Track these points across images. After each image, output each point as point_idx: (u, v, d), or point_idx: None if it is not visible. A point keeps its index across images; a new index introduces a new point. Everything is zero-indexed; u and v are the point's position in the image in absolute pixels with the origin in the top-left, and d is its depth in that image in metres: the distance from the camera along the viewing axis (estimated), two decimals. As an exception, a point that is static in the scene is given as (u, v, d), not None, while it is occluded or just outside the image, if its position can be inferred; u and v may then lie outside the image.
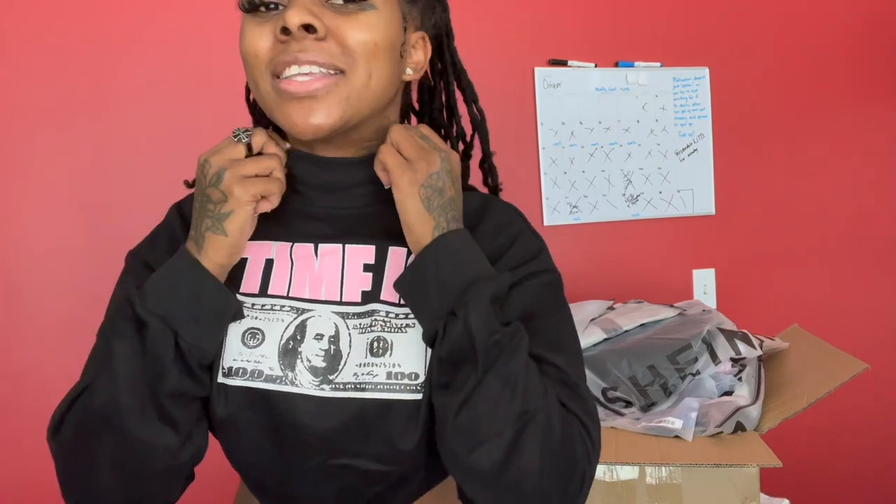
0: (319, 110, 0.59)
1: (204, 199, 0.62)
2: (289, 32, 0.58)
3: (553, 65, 1.79)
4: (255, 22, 0.61)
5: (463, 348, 0.57)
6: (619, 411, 1.25)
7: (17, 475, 1.51)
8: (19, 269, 1.51)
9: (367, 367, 0.62)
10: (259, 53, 0.61)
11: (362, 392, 0.62)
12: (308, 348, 0.63)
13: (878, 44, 1.99)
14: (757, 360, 1.30)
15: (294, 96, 0.59)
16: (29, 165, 1.51)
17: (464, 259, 0.60)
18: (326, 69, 0.59)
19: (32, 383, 1.51)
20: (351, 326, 0.64)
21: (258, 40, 0.60)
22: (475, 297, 0.58)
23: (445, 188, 0.62)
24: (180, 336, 0.60)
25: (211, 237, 0.61)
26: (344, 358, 0.63)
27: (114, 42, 1.53)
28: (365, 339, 0.63)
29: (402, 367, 0.62)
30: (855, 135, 2.00)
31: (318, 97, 0.59)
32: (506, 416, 0.56)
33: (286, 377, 0.63)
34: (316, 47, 0.58)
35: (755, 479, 1.11)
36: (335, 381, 0.62)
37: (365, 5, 0.60)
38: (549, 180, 1.80)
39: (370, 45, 0.60)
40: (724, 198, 1.92)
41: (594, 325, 1.34)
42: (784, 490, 1.49)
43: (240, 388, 0.63)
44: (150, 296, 0.60)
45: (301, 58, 0.58)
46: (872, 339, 2.01)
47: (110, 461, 0.60)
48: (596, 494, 1.14)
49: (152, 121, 1.56)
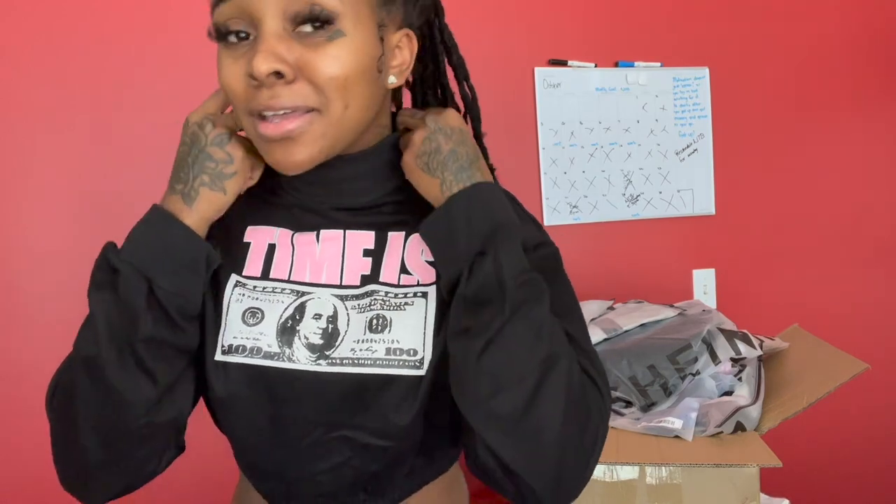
0: (298, 149, 0.59)
1: (203, 157, 0.63)
2: (254, 79, 0.57)
3: (553, 65, 1.79)
4: (230, 56, 0.60)
5: (491, 287, 0.57)
6: (619, 411, 1.25)
7: (17, 475, 1.51)
8: (19, 270, 1.51)
9: (366, 343, 0.63)
10: (237, 93, 0.60)
11: (360, 367, 0.62)
12: (306, 327, 0.64)
13: (878, 43, 1.99)
14: (757, 360, 1.30)
15: (273, 140, 0.59)
16: (29, 166, 1.51)
17: (493, 206, 0.61)
18: (294, 109, 0.58)
19: (32, 383, 1.51)
20: (349, 307, 0.65)
21: (233, 80, 0.60)
22: (507, 237, 0.59)
23: (440, 146, 0.63)
24: (155, 283, 0.61)
25: (207, 192, 0.63)
26: (341, 335, 0.64)
27: (114, 42, 1.53)
28: (364, 318, 0.64)
29: (402, 343, 0.63)
30: (855, 134, 2.00)
31: (294, 137, 0.59)
32: (531, 360, 0.56)
33: (283, 353, 0.64)
34: (287, 92, 0.57)
35: (755, 479, 1.11)
36: (332, 356, 0.63)
37: (333, 33, 0.57)
38: (549, 180, 1.80)
39: (340, 80, 0.58)
40: (724, 198, 1.92)
41: (594, 325, 1.34)
42: (784, 490, 1.49)
43: (238, 364, 0.64)
44: (125, 247, 0.62)
45: (274, 105, 0.58)
46: (872, 339, 2.01)
47: (91, 416, 0.61)
48: (596, 494, 1.14)
49: (153, 121, 1.56)
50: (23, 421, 1.51)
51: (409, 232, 0.68)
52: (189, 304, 0.63)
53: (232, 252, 0.69)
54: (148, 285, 0.60)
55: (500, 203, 0.62)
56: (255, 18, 0.57)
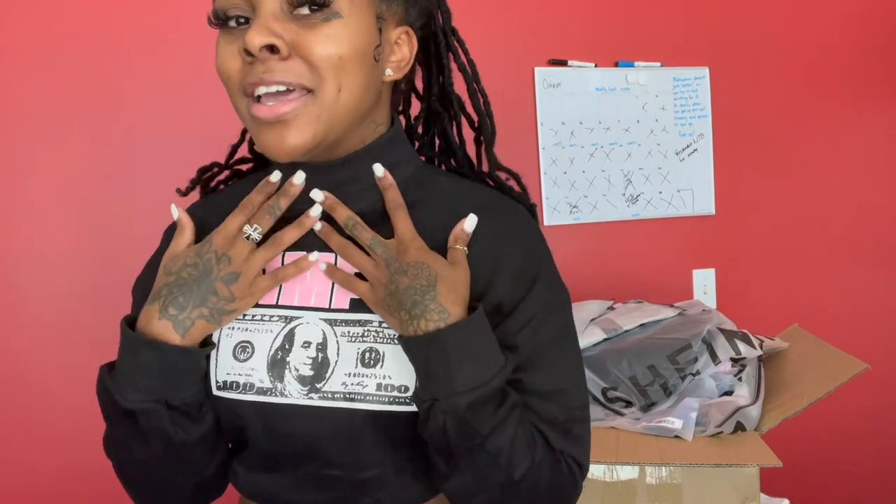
0: (291, 133, 0.58)
1: (209, 291, 0.62)
2: (252, 54, 0.57)
3: (553, 65, 1.79)
4: (226, 40, 0.60)
5: (439, 442, 0.60)
6: (619, 411, 1.25)
7: (17, 475, 1.51)
8: (19, 270, 1.51)
9: (357, 378, 0.62)
10: (231, 74, 0.60)
11: (351, 402, 0.62)
12: (295, 357, 0.64)
13: (878, 43, 1.99)
14: (757, 360, 1.30)
15: (265, 122, 0.58)
16: (29, 166, 1.51)
17: (449, 364, 0.58)
18: (289, 87, 0.58)
19: (32, 383, 1.51)
20: (339, 334, 0.64)
21: (229, 61, 0.59)
22: (451, 410, 0.58)
23: (398, 287, 0.60)
24: (171, 403, 0.63)
25: (202, 325, 0.63)
26: (331, 366, 0.63)
27: (115, 43, 1.53)
28: (355, 349, 0.63)
29: (393, 379, 0.62)
30: (855, 134, 2.00)
31: (287, 121, 0.58)
32: (492, 483, 0.61)
33: (276, 388, 0.63)
34: (281, 67, 0.57)
35: (755, 479, 1.11)
36: (322, 389, 0.63)
37: (329, 14, 0.58)
38: (549, 180, 1.80)
39: (335, 59, 0.57)
40: (724, 198, 1.92)
41: (594, 325, 1.34)
42: (784, 490, 1.49)
43: (234, 400, 0.65)
44: (127, 386, 0.62)
45: (267, 79, 0.57)
46: (872, 339, 2.01)
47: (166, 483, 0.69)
48: (596, 494, 1.14)
49: (153, 121, 1.56)
50: (23, 421, 1.51)
51: None
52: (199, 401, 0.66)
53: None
54: (165, 406, 0.63)
55: (459, 356, 0.58)
56: (254, 2, 0.57)
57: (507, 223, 0.68)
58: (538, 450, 0.62)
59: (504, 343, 0.63)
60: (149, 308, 0.63)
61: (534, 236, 0.69)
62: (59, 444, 1.52)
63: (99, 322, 1.52)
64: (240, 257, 0.63)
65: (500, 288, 0.65)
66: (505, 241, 0.66)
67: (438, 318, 0.59)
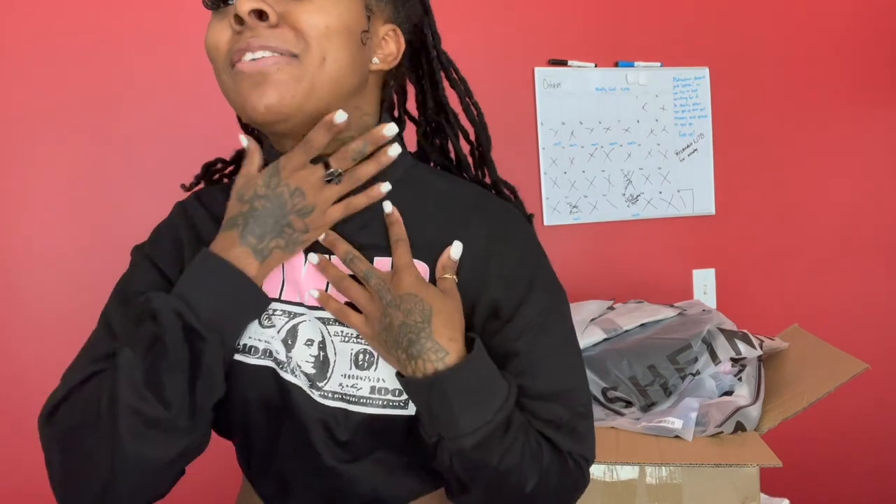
0: (271, 90, 0.58)
1: (284, 222, 0.62)
2: (242, 21, 0.57)
3: (553, 65, 1.79)
4: (217, 18, 0.61)
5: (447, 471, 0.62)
6: (619, 411, 1.25)
7: (17, 475, 1.51)
8: (19, 270, 1.51)
9: (351, 380, 0.64)
10: (220, 46, 0.60)
11: (347, 404, 0.64)
12: (299, 354, 0.65)
13: (878, 43, 2.00)
14: (757, 360, 1.30)
15: (246, 76, 0.58)
16: (29, 166, 1.51)
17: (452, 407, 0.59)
18: (280, 53, 0.58)
19: (32, 383, 1.51)
20: (332, 333, 0.65)
21: (218, 34, 0.60)
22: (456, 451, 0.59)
23: (393, 323, 0.60)
24: (227, 345, 0.62)
25: (279, 254, 0.63)
26: (331, 366, 0.64)
27: (115, 43, 1.53)
28: (349, 349, 0.64)
29: (387, 382, 0.63)
30: (855, 135, 2.00)
31: (268, 74, 0.58)
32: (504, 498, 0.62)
33: (289, 363, 0.65)
34: (269, 33, 0.58)
35: (755, 479, 1.11)
36: (323, 388, 0.64)
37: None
38: (549, 180, 1.80)
39: (322, 28, 0.58)
40: (724, 198, 1.92)
41: (594, 325, 1.34)
42: (784, 490, 1.49)
43: (255, 366, 0.65)
44: (203, 308, 0.59)
45: (253, 43, 0.57)
46: (872, 339, 2.01)
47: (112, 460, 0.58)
48: (596, 494, 1.14)
49: (153, 121, 1.56)
50: (22, 420, 1.51)
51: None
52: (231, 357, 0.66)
53: None
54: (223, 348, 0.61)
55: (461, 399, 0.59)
56: None
57: (500, 224, 0.68)
58: (545, 458, 0.63)
59: (504, 349, 0.64)
60: (226, 235, 0.62)
61: (528, 237, 0.70)
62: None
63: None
64: (314, 191, 0.63)
65: (494, 291, 0.65)
66: (498, 241, 0.66)
67: (436, 358, 0.59)
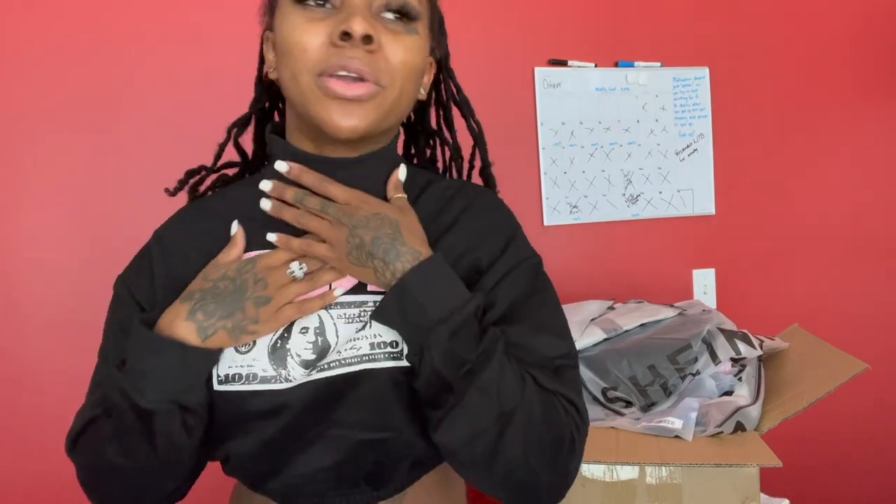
0: (358, 114, 0.63)
1: (238, 306, 0.64)
2: (349, 38, 0.60)
3: (553, 65, 1.79)
4: (306, 17, 0.63)
5: (434, 383, 0.62)
6: (619, 411, 1.25)
7: (17, 475, 1.51)
8: (19, 270, 1.51)
9: (349, 343, 0.66)
10: (308, 49, 0.62)
11: (348, 366, 0.65)
12: (295, 344, 0.66)
13: (877, 44, 2.00)
14: (757, 360, 1.30)
15: (339, 96, 0.62)
16: (29, 167, 1.51)
17: (423, 303, 0.62)
18: (371, 81, 0.62)
19: (32, 383, 1.51)
20: (335, 316, 0.67)
21: (310, 37, 0.62)
22: (436, 343, 0.61)
23: (364, 240, 0.64)
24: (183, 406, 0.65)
25: (223, 336, 0.64)
26: (332, 349, 0.66)
27: (115, 43, 1.53)
28: (353, 328, 0.67)
29: (383, 336, 0.66)
30: (855, 134, 2.00)
31: (361, 102, 0.62)
32: (487, 419, 0.61)
33: (279, 375, 0.66)
34: (367, 59, 0.62)
35: (755, 479, 1.11)
36: (321, 364, 0.66)
37: (411, 29, 0.65)
38: (549, 180, 1.80)
39: (409, 67, 0.65)
40: (724, 198, 1.92)
41: (594, 325, 1.34)
42: (784, 490, 1.49)
43: (237, 392, 0.66)
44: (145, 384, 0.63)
45: (352, 65, 0.61)
46: (872, 339, 2.01)
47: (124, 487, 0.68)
48: (596, 494, 1.14)
49: (153, 122, 1.56)
50: (22, 420, 1.51)
51: None
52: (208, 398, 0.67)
53: None
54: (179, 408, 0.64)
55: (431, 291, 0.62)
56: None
57: (482, 200, 0.75)
58: (528, 386, 0.63)
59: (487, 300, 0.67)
60: (178, 307, 0.65)
61: (507, 212, 0.76)
62: (58, 444, 1.52)
63: (98, 322, 1.51)
64: (276, 284, 0.65)
65: (477, 251, 0.70)
66: (481, 213, 0.73)
67: (413, 258, 0.63)
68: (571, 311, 1.42)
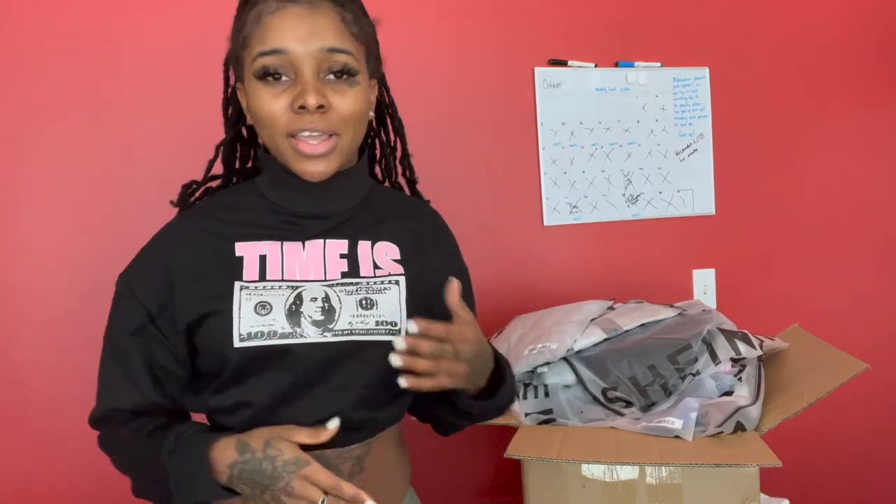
0: (323, 164, 0.82)
1: (265, 484, 0.75)
2: (304, 110, 0.78)
3: (553, 65, 1.79)
4: (270, 92, 0.79)
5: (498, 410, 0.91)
6: (619, 411, 1.25)
7: (16, 474, 1.51)
8: (19, 270, 1.51)
9: (359, 318, 0.83)
10: (276, 118, 0.79)
11: (357, 336, 0.82)
12: (308, 308, 0.82)
13: (877, 44, 2.00)
14: (757, 360, 1.30)
15: (309, 156, 0.81)
16: (29, 167, 1.51)
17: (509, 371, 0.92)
18: (327, 134, 0.80)
19: (32, 383, 1.51)
20: (337, 291, 0.84)
21: (276, 107, 0.79)
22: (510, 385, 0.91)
23: (483, 361, 0.84)
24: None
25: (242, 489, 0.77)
26: (338, 311, 0.83)
27: (115, 43, 1.53)
28: (353, 299, 0.84)
29: (386, 316, 0.84)
30: (854, 134, 2.00)
31: (324, 156, 0.81)
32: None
33: (295, 332, 0.80)
34: (321, 118, 0.79)
35: (755, 479, 1.11)
36: (334, 328, 0.82)
37: (353, 82, 0.81)
38: (549, 180, 1.80)
39: (357, 115, 0.82)
40: (724, 198, 1.92)
41: (594, 325, 1.34)
42: (784, 490, 1.49)
43: (257, 347, 0.80)
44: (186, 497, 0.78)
45: (312, 127, 0.79)
46: (872, 339, 2.01)
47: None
48: (596, 494, 1.14)
49: (153, 122, 1.56)
50: (22, 420, 1.51)
51: (373, 241, 0.89)
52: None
53: (229, 265, 0.84)
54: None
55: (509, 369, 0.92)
56: (296, 68, 0.79)
57: (429, 217, 1.00)
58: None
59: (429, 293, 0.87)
60: (230, 452, 0.77)
61: (445, 224, 1.02)
62: (58, 444, 1.52)
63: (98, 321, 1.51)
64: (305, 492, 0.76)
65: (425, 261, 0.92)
66: (429, 228, 0.98)
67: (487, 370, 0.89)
68: (571, 311, 1.42)
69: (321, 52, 0.78)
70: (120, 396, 0.84)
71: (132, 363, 0.83)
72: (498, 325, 1.59)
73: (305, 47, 0.78)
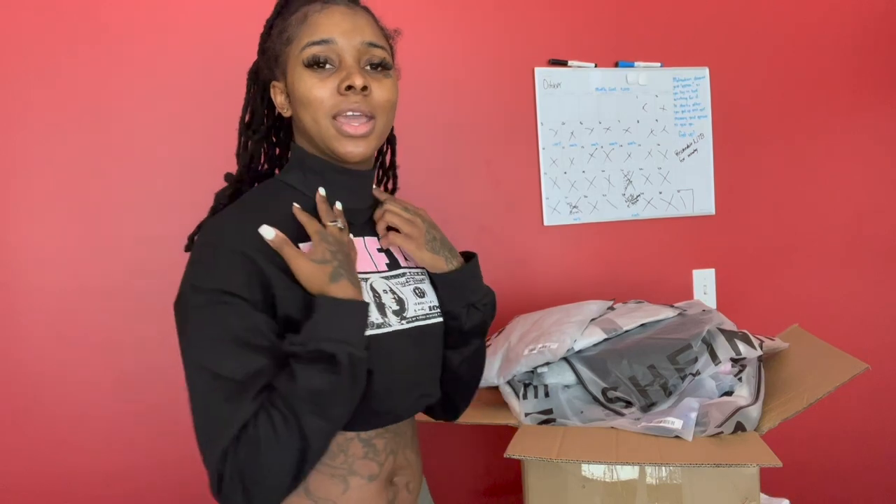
0: (363, 145, 0.88)
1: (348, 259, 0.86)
2: (351, 89, 0.85)
3: (553, 65, 1.79)
4: (317, 77, 0.87)
5: (476, 327, 1.00)
6: (619, 411, 1.25)
7: (17, 475, 1.51)
8: (19, 270, 1.51)
9: (419, 306, 0.95)
10: (323, 100, 0.86)
11: (421, 321, 0.94)
12: (387, 300, 0.92)
13: (878, 44, 2.00)
14: (757, 360, 1.30)
15: (351, 136, 0.88)
16: (29, 166, 1.51)
17: (478, 279, 1.02)
18: (366, 115, 0.88)
19: (31, 382, 1.51)
20: (394, 284, 0.94)
21: (322, 91, 0.86)
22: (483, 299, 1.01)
23: (435, 236, 0.98)
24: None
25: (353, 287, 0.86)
26: (406, 301, 0.94)
27: (115, 43, 1.53)
28: (410, 290, 0.96)
29: (433, 302, 0.98)
30: (855, 134, 2.00)
31: (364, 136, 0.88)
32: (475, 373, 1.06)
33: (384, 322, 0.89)
34: (363, 100, 0.87)
35: (755, 479, 1.11)
36: (407, 316, 0.92)
37: (387, 74, 0.90)
38: (549, 180, 1.80)
39: (391, 102, 0.90)
40: (724, 198, 1.92)
41: (594, 325, 1.34)
42: (784, 490, 1.50)
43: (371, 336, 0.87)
44: (353, 341, 0.80)
45: (355, 107, 0.87)
46: (872, 339, 2.01)
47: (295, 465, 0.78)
48: (596, 494, 1.14)
49: (153, 121, 1.56)
50: (21, 420, 1.51)
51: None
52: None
53: None
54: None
55: (479, 273, 1.02)
56: (341, 57, 0.87)
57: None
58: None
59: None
60: (322, 276, 0.82)
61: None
62: (58, 443, 1.52)
63: (98, 321, 1.52)
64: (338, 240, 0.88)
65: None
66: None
67: (457, 252, 1.01)
68: (571, 311, 1.42)
69: (362, 45, 0.88)
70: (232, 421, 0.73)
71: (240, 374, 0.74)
72: (498, 325, 1.59)
73: (349, 40, 0.87)
